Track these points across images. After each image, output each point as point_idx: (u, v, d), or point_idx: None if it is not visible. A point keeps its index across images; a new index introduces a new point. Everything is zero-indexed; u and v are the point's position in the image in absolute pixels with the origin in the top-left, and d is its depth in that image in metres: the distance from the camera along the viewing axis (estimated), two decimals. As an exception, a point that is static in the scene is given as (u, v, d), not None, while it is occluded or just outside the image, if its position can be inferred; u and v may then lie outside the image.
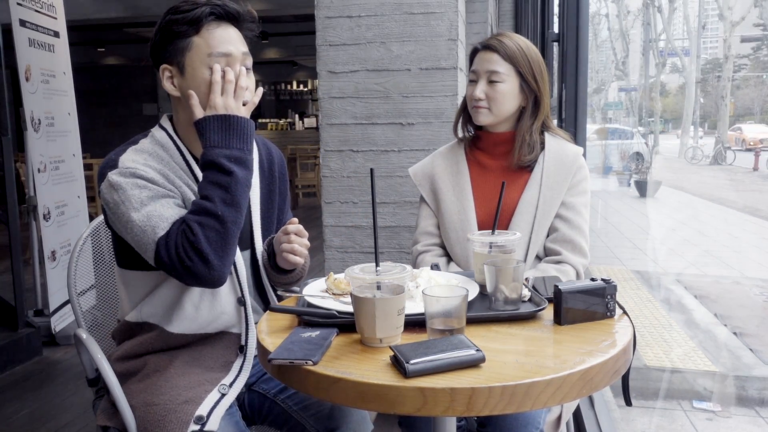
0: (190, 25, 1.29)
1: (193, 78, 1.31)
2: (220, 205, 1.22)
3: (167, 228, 1.24)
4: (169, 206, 1.27)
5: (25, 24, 3.53)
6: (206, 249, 1.21)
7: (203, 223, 1.21)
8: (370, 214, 1.34)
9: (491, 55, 1.64)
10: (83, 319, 1.56)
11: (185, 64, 1.31)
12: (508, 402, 0.90)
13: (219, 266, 1.23)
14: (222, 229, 1.22)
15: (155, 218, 1.24)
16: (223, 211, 1.22)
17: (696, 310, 5.07)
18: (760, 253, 7.11)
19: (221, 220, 1.22)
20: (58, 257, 3.70)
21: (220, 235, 1.22)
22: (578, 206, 1.65)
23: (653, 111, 20.44)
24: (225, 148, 1.25)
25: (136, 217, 1.25)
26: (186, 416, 1.25)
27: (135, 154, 1.32)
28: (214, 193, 1.23)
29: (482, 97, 1.63)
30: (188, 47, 1.30)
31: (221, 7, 1.31)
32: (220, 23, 1.32)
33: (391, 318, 1.03)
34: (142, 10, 7.95)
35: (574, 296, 1.14)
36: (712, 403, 3.36)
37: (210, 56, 1.30)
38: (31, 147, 3.55)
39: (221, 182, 1.23)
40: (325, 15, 2.29)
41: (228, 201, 1.23)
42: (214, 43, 1.30)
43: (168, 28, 1.31)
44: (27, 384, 3.18)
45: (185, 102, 1.32)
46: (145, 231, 1.24)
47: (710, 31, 21.18)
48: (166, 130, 1.38)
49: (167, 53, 1.32)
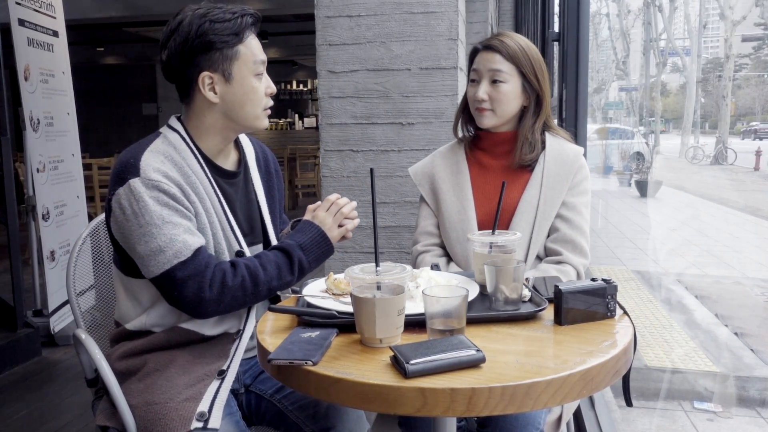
0: (235, 35, 1.34)
1: (241, 85, 1.36)
2: (264, 283, 1.33)
3: (188, 255, 1.28)
4: (190, 233, 1.31)
5: (24, 23, 3.53)
6: (227, 296, 1.30)
7: (244, 280, 1.31)
8: (370, 214, 1.34)
9: (493, 55, 1.63)
10: (82, 320, 1.55)
11: (233, 73, 1.35)
12: (509, 402, 0.89)
13: (213, 312, 1.32)
14: (247, 297, 1.33)
15: (179, 243, 1.27)
16: (262, 287, 1.33)
17: (697, 310, 5.07)
18: (760, 253, 7.11)
19: (255, 291, 1.33)
20: (57, 257, 3.70)
21: (243, 299, 1.33)
22: (579, 206, 1.64)
23: (654, 111, 20.45)
24: (306, 256, 1.39)
25: (156, 233, 1.26)
26: (188, 413, 1.25)
27: (154, 157, 1.31)
28: (272, 273, 1.35)
29: (485, 98, 1.63)
30: (235, 56, 1.34)
31: (257, 16, 1.38)
32: (253, 32, 1.39)
33: (391, 318, 1.02)
34: (142, 10, 7.95)
35: (575, 296, 1.13)
36: (713, 403, 3.35)
37: (255, 63, 1.37)
38: (30, 147, 3.54)
39: (282, 274, 1.36)
40: (325, 15, 2.28)
41: (271, 286, 1.35)
42: (256, 52, 1.37)
43: (207, 38, 1.32)
44: (26, 384, 3.18)
45: (223, 109, 1.37)
46: (164, 251, 1.26)
47: (711, 31, 21.18)
48: (178, 132, 1.39)
49: (208, 61, 1.33)
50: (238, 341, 1.39)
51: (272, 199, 1.55)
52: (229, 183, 1.44)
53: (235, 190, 1.45)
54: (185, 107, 1.41)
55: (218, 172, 1.41)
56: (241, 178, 1.48)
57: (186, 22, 1.32)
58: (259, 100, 1.38)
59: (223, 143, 1.42)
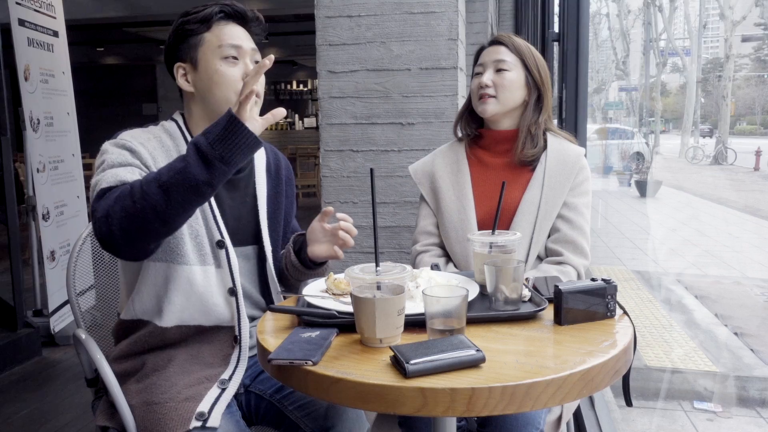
0: (201, 23, 1.39)
1: (205, 70, 1.38)
2: (153, 180, 1.14)
3: (113, 183, 1.23)
4: (130, 172, 1.27)
5: (24, 23, 3.53)
6: (114, 214, 1.15)
7: (133, 187, 1.16)
8: (370, 214, 1.34)
9: (498, 47, 1.69)
10: (82, 320, 1.55)
11: (198, 59, 1.39)
12: (509, 402, 0.89)
13: (106, 234, 1.16)
14: (135, 201, 1.14)
15: (107, 174, 1.26)
16: (151, 185, 1.14)
17: (696, 310, 5.07)
18: (760, 253, 7.11)
19: (144, 191, 1.14)
20: (58, 257, 3.70)
21: (132, 206, 1.15)
22: (580, 207, 1.65)
23: (654, 111, 20.46)
24: (207, 143, 1.14)
25: (101, 174, 1.28)
26: (187, 413, 1.25)
27: (138, 132, 1.39)
28: (163, 170, 1.16)
29: (490, 84, 1.66)
30: (200, 43, 1.39)
31: (230, 6, 1.40)
32: (229, 21, 1.41)
33: (391, 318, 1.02)
34: (142, 10, 7.95)
35: (575, 296, 1.13)
36: (713, 403, 3.35)
37: (221, 47, 1.38)
38: (30, 147, 3.55)
39: (173, 164, 1.15)
40: (325, 15, 2.28)
41: (161, 181, 1.14)
42: (224, 37, 1.38)
43: (180, 29, 1.40)
44: (26, 384, 3.18)
45: (198, 97, 1.40)
46: (96, 184, 1.26)
47: (711, 31, 21.20)
48: (177, 122, 1.45)
49: (180, 52, 1.41)
50: (239, 350, 1.39)
51: (277, 205, 1.55)
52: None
53: (227, 187, 1.45)
54: (182, 103, 1.47)
55: None
56: (242, 177, 1.48)
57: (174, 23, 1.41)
58: (229, 84, 1.37)
59: None
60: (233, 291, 1.39)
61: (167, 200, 1.14)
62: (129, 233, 1.16)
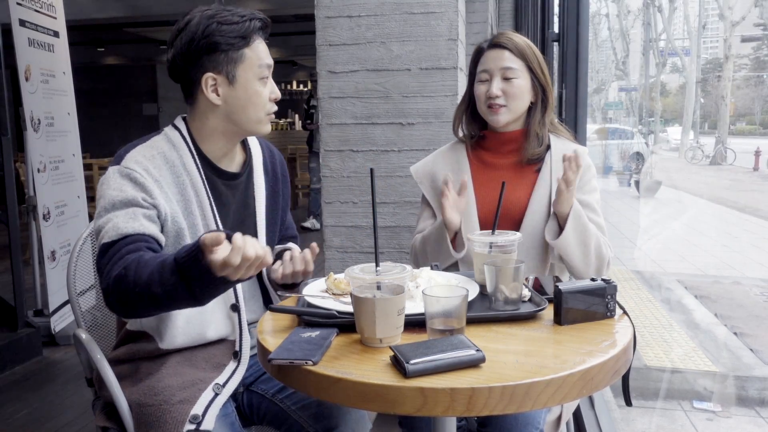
0: (242, 39, 1.33)
1: (244, 89, 1.35)
2: (147, 286, 1.15)
3: (114, 238, 1.23)
4: (131, 218, 1.25)
5: (25, 24, 3.53)
6: (113, 292, 1.19)
7: (128, 274, 1.17)
8: (370, 214, 1.34)
9: (502, 52, 1.65)
10: (83, 319, 1.55)
11: (237, 75, 1.34)
12: (508, 402, 0.90)
13: (109, 300, 1.22)
14: (134, 290, 1.17)
15: (108, 225, 1.25)
16: (144, 288, 1.16)
17: (696, 310, 5.07)
18: (760, 253, 7.12)
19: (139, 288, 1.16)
20: (58, 257, 3.70)
21: (130, 294, 1.18)
22: (592, 203, 1.66)
23: (653, 111, 20.47)
24: (190, 283, 1.12)
25: (97, 220, 1.28)
26: (181, 416, 1.24)
27: (144, 151, 1.33)
28: (154, 279, 1.15)
29: (499, 94, 1.64)
30: (240, 59, 1.34)
31: (265, 20, 1.38)
32: (261, 36, 1.38)
33: (391, 318, 1.03)
34: (142, 10, 7.95)
35: (575, 296, 1.14)
36: (713, 403, 3.36)
37: (260, 67, 1.36)
38: (31, 147, 3.55)
39: (166, 283, 1.14)
40: (325, 15, 2.28)
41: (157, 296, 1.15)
42: (261, 55, 1.37)
43: (213, 39, 1.31)
44: (27, 384, 3.18)
45: (225, 111, 1.35)
46: (97, 233, 1.27)
47: (710, 31, 21.20)
48: (180, 131, 1.39)
49: (212, 63, 1.33)
50: (238, 364, 1.38)
51: (274, 203, 1.54)
52: (227, 185, 1.43)
53: (233, 192, 1.44)
54: (189, 108, 1.40)
55: (217, 173, 1.41)
56: (242, 180, 1.47)
57: (194, 23, 1.32)
58: (263, 105, 1.37)
59: (226, 147, 1.42)
60: (236, 307, 1.39)
61: (160, 303, 1.18)
62: (128, 308, 1.23)
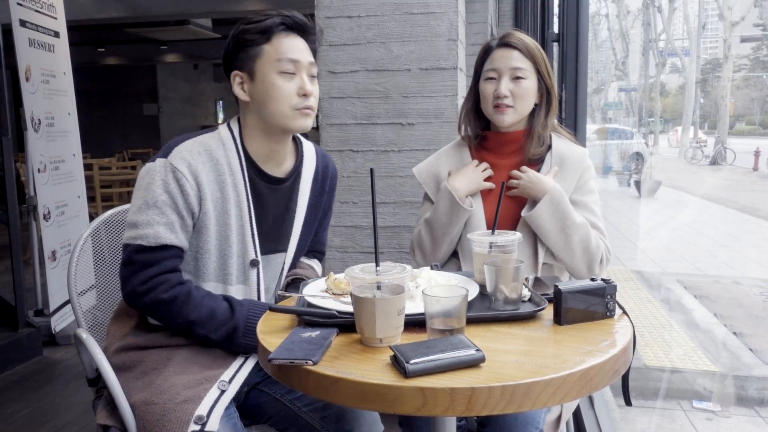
0: (261, 34, 1.37)
1: (262, 83, 1.38)
2: (186, 317, 1.34)
3: (150, 244, 1.33)
4: (170, 229, 1.34)
5: (25, 24, 3.53)
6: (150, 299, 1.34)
7: (176, 300, 1.33)
8: (370, 214, 1.35)
9: (512, 52, 1.65)
10: (83, 319, 1.56)
11: (255, 70, 1.38)
12: (508, 402, 0.90)
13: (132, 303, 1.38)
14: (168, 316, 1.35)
15: (152, 229, 1.33)
16: (182, 318, 1.35)
17: (696, 310, 5.07)
18: (759, 252, 7.12)
19: (179, 315, 1.34)
20: (58, 257, 3.70)
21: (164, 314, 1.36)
22: (589, 204, 1.66)
23: (653, 111, 20.47)
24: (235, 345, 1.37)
25: (144, 209, 1.34)
26: (186, 416, 1.24)
27: (190, 146, 1.38)
28: (202, 315, 1.35)
29: (508, 94, 1.63)
30: (259, 54, 1.38)
31: (290, 17, 1.40)
32: (289, 33, 1.40)
33: (391, 318, 1.03)
34: (142, 10, 7.95)
35: (574, 296, 1.14)
36: (712, 403, 3.36)
37: (279, 61, 1.37)
38: (31, 147, 3.55)
39: (210, 324, 1.35)
40: (325, 15, 2.29)
41: (193, 327, 1.35)
42: (283, 50, 1.38)
43: (240, 38, 1.39)
44: (27, 384, 3.18)
45: (253, 107, 1.40)
46: (137, 227, 1.34)
47: (710, 31, 21.22)
48: (232, 131, 1.44)
49: (238, 60, 1.40)
50: (245, 359, 1.39)
51: (314, 214, 1.55)
52: (271, 188, 1.45)
53: (276, 197, 1.46)
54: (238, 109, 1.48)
55: (261, 176, 1.43)
56: (287, 185, 1.48)
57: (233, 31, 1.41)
58: (284, 99, 1.38)
59: (268, 146, 1.44)
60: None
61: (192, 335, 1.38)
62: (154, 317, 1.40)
